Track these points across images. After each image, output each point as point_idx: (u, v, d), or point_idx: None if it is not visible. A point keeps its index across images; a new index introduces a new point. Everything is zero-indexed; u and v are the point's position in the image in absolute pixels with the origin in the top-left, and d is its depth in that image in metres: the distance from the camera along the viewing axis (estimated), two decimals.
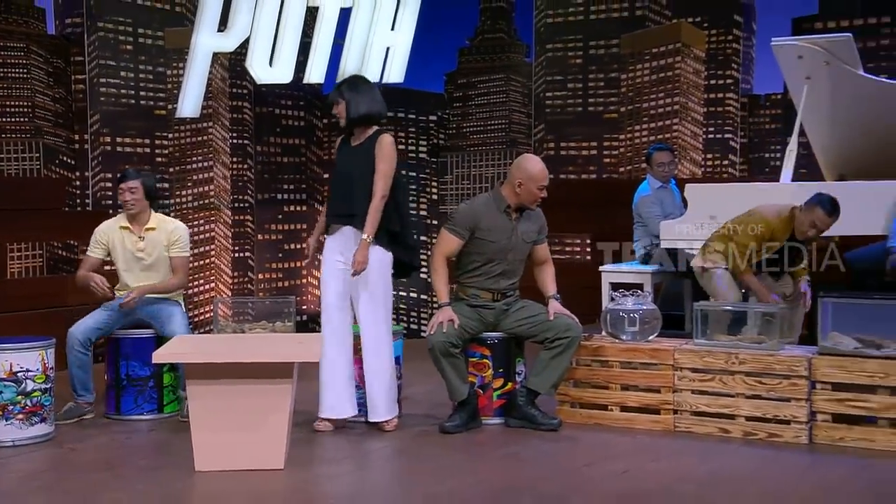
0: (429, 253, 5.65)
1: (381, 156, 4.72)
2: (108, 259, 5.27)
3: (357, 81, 4.93)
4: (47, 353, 4.69)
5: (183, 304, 5.36)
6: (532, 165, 4.88)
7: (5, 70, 6.95)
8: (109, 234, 5.21)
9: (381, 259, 4.75)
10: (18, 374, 4.57)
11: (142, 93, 7.51)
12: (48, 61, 7.17)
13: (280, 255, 8.33)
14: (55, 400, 4.74)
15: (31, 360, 4.61)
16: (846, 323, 4.60)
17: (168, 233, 5.22)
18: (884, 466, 4.17)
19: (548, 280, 5.01)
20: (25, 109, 7.05)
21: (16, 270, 6.83)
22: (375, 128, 4.82)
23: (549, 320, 4.81)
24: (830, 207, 5.13)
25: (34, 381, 4.61)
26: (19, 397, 4.57)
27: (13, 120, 7.00)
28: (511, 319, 4.90)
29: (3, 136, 6.92)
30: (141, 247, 5.17)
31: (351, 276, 4.69)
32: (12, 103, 6.98)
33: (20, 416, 4.58)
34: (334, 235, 4.84)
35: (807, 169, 6.55)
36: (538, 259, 5.03)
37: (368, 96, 4.80)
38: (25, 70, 7.04)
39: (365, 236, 4.65)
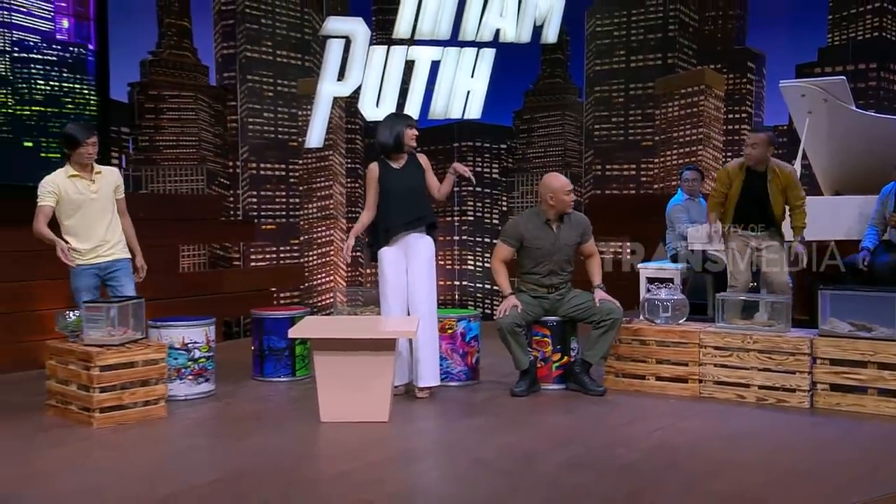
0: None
1: (430, 170, 4.74)
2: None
3: None
4: (210, 329, 4.83)
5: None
6: (553, 181, 4.76)
7: (180, 113, 7.18)
8: (59, 184, 4.43)
9: (432, 246, 4.75)
10: (189, 345, 4.72)
11: (279, 129, 7.66)
12: (210, 106, 7.37)
13: None
14: (216, 366, 4.87)
15: (198, 334, 4.76)
16: (841, 311, 4.46)
17: (115, 177, 4.63)
18: (871, 427, 4.05)
19: (594, 271, 4.90)
20: (194, 143, 7.25)
21: (186, 266, 7.03)
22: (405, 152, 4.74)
23: (596, 305, 4.77)
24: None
25: (200, 351, 4.76)
26: (189, 363, 4.72)
27: (185, 151, 7.21)
28: (566, 306, 4.86)
29: (178, 162, 7.16)
30: (94, 189, 4.48)
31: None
32: (185, 139, 7.20)
33: (190, 377, 4.73)
34: (398, 240, 4.69)
35: (808, 186, 6.37)
36: (585, 254, 4.95)
37: None
38: (194, 113, 7.25)
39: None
